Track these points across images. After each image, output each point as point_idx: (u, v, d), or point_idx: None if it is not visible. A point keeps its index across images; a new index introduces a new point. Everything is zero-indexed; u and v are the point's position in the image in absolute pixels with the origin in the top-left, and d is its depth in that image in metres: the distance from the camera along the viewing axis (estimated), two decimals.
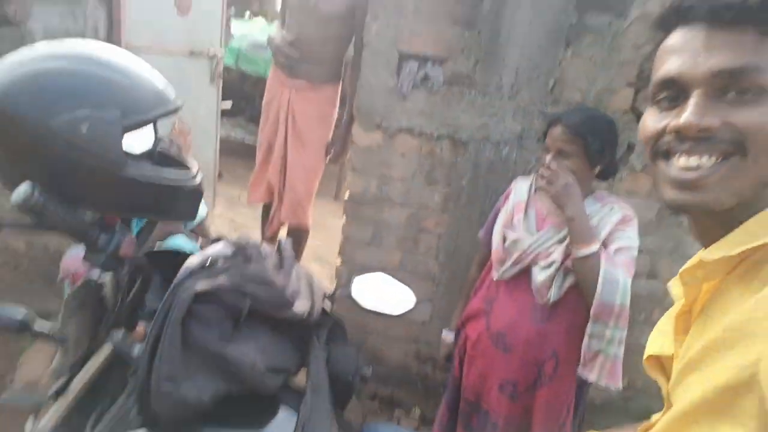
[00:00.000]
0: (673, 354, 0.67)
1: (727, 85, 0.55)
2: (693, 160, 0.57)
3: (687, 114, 0.56)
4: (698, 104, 0.56)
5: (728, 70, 0.55)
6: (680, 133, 0.57)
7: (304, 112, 2.53)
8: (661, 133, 0.60)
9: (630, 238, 1.45)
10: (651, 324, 2.15)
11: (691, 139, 0.56)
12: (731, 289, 0.59)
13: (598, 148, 1.45)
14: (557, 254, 1.47)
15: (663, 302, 2.11)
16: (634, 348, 1.59)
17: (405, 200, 2.17)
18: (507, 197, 1.70)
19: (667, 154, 0.59)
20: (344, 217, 2.25)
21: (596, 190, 1.56)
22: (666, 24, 0.62)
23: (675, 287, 0.72)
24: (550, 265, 1.48)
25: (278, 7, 3.46)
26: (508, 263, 1.56)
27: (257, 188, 2.75)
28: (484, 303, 1.66)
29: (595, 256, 1.38)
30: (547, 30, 1.92)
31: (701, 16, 0.57)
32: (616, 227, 1.46)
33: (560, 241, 1.50)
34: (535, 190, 1.64)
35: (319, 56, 2.48)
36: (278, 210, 2.67)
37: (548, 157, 1.51)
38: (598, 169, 1.50)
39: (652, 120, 0.62)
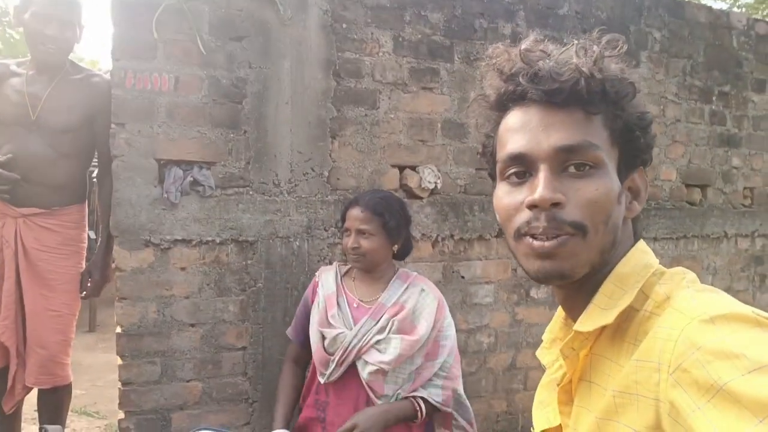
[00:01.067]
0: (560, 424, 0.69)
1: (566, 160, 0.61)
2: (550, 236, 0.61)
3: (540, 189, 0.59)
4: (547, 178, 0.60)
5: (566, 146, 0.60)
6: (536, 207, 0.60)
7: (43, 244, 2.03)
8: (518, 207, 0.62)
9: (450, 324, 1.58)
10: (462, 376, 2.29)
11: (546, 214, 0.59)
12: (605, 352, 0.62)
13: (394, 225, 1.54)
14: (389, 356, 1.46)
15: (466, 353, 2.29)
16: None
17: (195, 319, 1.90)
18: (315, 291, 1.64)
19: (527, 234, 0.62)
20: (119, 358, 1.84)
21: (399, 269, 1.64)
22: (501, 105, 0.67)
23: (546, 356, 0.74)
24: (378, 363, 1.46)
25: None
26: (333, 364, 1.49)
27: None
28: (316, 410, 1.53)
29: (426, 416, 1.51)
30: (311, 124, 1.99)
31: (535, 98, 0.62)
32: (438, 318, 1.54)
33: (380, 331, 1.49)
34: (342, 278, 1.64)
35: (50, 178, 2.04)
36: (19, 374, 2.04)
37: (350, 240, 1.53)
38: (396, 247, 1.58)
39: (507, 195, 0.65)
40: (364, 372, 1.47)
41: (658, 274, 0.62)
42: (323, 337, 1.52)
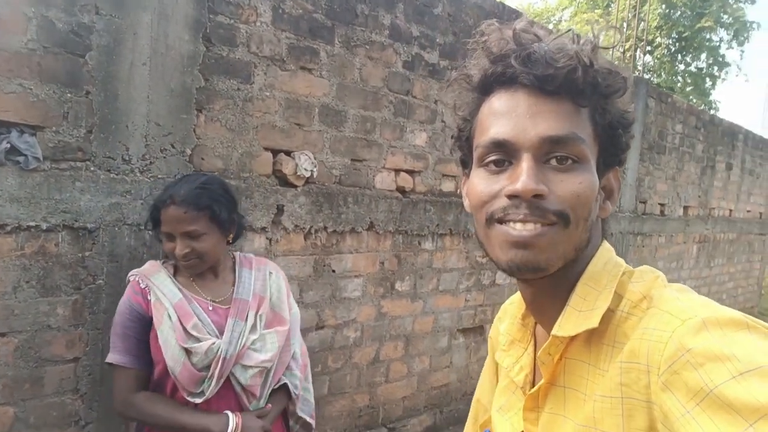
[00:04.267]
0: (523, 431, 0.65)
1: (550, 152, 0.57)
2: (529, 226, 0.57)
3: (524, 178, 0.55)
4: (531, 168, 0.56)
5: (553, 137, 0.56)
6: (517, 198, 0.56)
7: None
8: (495, 195, 0.58)
9: (293, 300, 1.51)
10: (328, 373, 2.21)
11: (527, 204, 0.56)
12: (579, 356, 0.60)
13: (225, 215, 1.31)
14: (269, 353, 1.34)
15: (333, 349, 2.20)
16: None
17: (8, 326, 1.48)
18: (146, 301, 1.30)
19: (501, 221, 0.58)
20: None
21: (236, 256, 1.44)
22: (485, 87, 0.61)
23: (505, 359, 0.70)
24: (260, 364, 1.33)
25: None
26: (212, 380, 1.28)
27: None
28: None
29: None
30: (173, 93, 1.70)
31: (525, 83, 0.57)
32: (289, 294, 1.47)
33: (252, 330, 1.33)
34: (176, 279, 1.35)
35: None
36: None
37: (177, 247, 1.27)
38: (231, 236, 1.38)
39: (482, 182, 0.60)
40: (245, 377, 1.31)
41: (628, 273, 0.62)
42: (188, 353, 1.28)
